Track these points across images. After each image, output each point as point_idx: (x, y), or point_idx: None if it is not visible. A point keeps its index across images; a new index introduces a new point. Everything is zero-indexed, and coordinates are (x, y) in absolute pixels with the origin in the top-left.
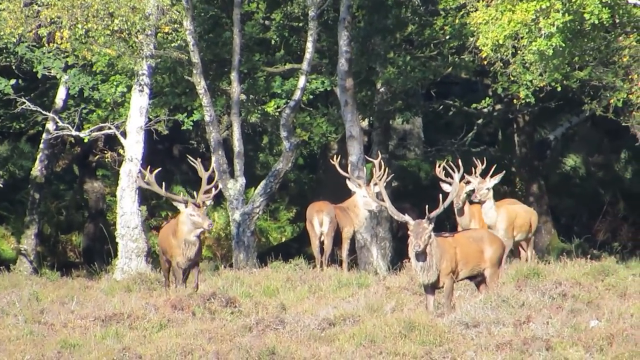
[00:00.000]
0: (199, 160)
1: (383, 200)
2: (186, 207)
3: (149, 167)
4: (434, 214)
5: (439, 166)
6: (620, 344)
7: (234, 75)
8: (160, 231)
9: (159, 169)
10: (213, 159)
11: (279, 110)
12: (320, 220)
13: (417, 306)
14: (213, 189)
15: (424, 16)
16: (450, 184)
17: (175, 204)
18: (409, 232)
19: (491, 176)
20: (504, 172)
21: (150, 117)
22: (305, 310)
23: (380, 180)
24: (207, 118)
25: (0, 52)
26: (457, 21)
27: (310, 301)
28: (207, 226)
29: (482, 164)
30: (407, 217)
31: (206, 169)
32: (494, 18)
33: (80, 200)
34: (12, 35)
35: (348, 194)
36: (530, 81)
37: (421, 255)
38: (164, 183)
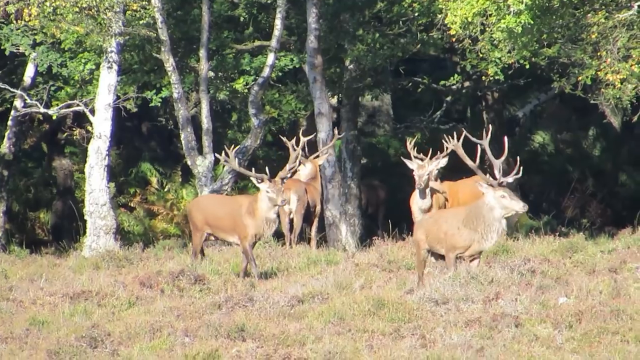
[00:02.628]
0: (293, 141)
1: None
2: (261, 182)
3: (233, 146)
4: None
5: (410, 143)
6: (589, 320)
7: (202, 53)
8: (203, 204)
9: (238, 146)
10: (182, 136)
11: (247, 87)
12: (287, 198)
13: (386, 283)
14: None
15: None
16: (422, 159)
17: (252, 179)
18: (503, 195)
19: (431, 158)
20: (447, 157)
21: (119, 94)
22: (274, 287)
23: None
24: (175, 95)
25: None
26: None
27: (279, 279)
28: (280, 202)
29: (458, 140)
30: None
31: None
32: None
33: (48, 178)
34: None
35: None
36: (499, 58)
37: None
38: (236, 159)
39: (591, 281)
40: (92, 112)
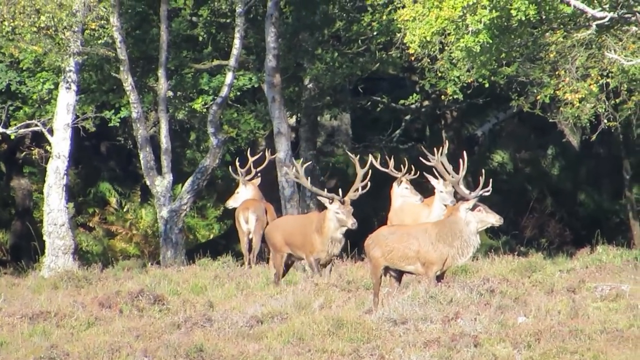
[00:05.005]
0: (358, 157)
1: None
2: (331, 203)
3: (301, 160)
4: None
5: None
6: (548, 340)
7: (161, 72)
8: (281, 225)
9: (309, 162)
10: (140, 155)
11: (206, 106)
12: (245, 217)
13: (345, 303)
14: (360, 188)
15: (352, 12)
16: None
17: (321, 199)
18: (479, 208)
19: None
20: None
21: (78, 114)
22: (233, 307)
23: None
24: (134, 115)
25: None
26: (384, 17)
27: (238, 299)
28: (350, 225)
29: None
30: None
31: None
32: (421, 14)
33: (7, 198)
34: None
35: (276, 191)
36: (458, 77)
37: None
38: (308, 178)
39: (550, 301)
40: (51, 131)
